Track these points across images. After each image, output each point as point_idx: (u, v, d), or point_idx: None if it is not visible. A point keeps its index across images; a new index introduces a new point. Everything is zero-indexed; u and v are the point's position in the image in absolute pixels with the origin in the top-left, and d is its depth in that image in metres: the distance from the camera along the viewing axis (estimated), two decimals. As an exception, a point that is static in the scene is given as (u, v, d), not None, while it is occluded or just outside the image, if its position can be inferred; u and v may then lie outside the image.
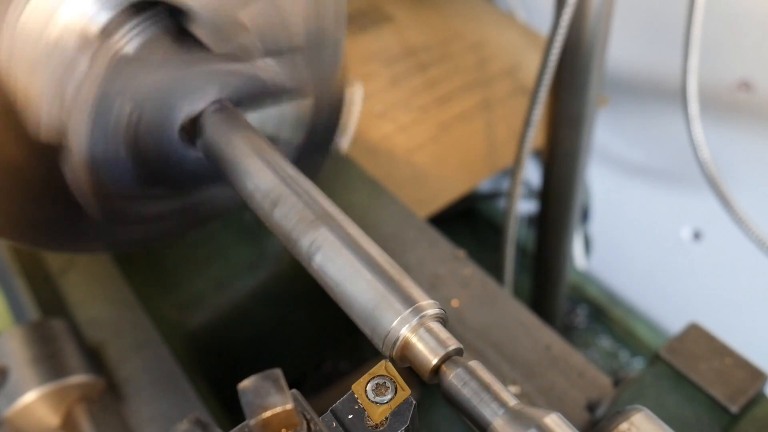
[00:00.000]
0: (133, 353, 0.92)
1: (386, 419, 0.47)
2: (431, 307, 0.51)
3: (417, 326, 0.50)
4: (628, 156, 1.80)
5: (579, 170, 1.42)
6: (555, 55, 1.14)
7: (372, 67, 1.60)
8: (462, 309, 0.96)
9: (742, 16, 1.35)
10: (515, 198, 1.31)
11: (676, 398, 0.76)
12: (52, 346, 0.84)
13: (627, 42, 1.54)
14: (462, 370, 0.48)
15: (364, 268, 0.54)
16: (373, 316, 0.52)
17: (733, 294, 1.72)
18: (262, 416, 0.42)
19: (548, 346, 0.92)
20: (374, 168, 1.26)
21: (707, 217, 1.67)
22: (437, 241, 1.06)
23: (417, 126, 1.49)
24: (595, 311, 2.07)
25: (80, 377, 0.82)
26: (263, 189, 0.63)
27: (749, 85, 1.40)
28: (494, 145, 1.48)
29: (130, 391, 0.88)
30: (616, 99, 1.69)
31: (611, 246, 2.01)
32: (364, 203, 1.13)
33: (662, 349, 0.80)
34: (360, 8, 1.76)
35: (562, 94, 1.30)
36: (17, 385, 0.79)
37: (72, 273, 1.02)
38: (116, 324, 0.95)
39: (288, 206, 0.60)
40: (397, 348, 0.50)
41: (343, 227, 0.58)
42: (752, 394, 0.75)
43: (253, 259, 1.12)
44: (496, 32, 1.73)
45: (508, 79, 1.62)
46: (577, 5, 1.10)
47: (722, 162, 1.27)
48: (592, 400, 0.83)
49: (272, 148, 0.67)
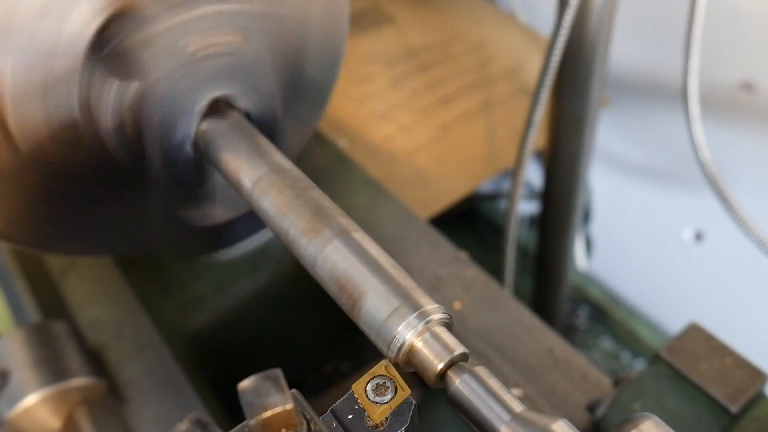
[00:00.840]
0: (134, 355, 0.92)
1: (386, 419, 0.46)
2: (436, 312, 0.51)
3: (422, 331, 0.50)
4: (630, 157, 1.80)
5: (581, 171, 1.42)
6: (557, 56, 1.14)
7: (373, 67, 1.60)
8: (464, 311, 0.96)
9: (744, 18, 1.35)
10: (516, 199, 1.31)
11: (676, 398, 0.76)
12: (53, 348, 0.84)
13: (628, 42, 1.54)
14: (468, 376, 0.48)
15: (369, 272, 0.54)
16: (377, 320, 0.52)
17: (735, 295, 1.72)
18: (262, 416, 0.42)
19: (551, 348, 0.92)
20: (375, 169, 1.26)
21: (709, 218, 1.67)
22: (439, 242, 1.06)
23: (418, 127, 1.49)
24: (596, 312, 2.06)
25: (81, 380, 0.82)
26: (268, 188, 0.63)
27: (751, 86, 1.40)
28: (495, 146, 1.48)
29: (132, 394, 0.88)
30: (618, 99, 1.69)
31: (612, 247, 2.01)
32: (366, 205, 1.13)
33: (662, 349, 0.80)
34: (361, 9, 1.76)
35: (564, 95, 1.30)
36: (18, 387, 0.78)
37: (73, 275, 1.02)
38: (117, 326, 0.95)
39: (291, 210, 0.60)
40: (403, 353, 0.50)
41: (348, 231, 0.57)
42: (752, 394, 0.75)
43: (254, 261, 1.12)
44: (498, 33, 1.73)
45: (510, 80, 1.61)
46: (579, 6, 1.10)
47: (724, 163, 1.26)
48: (593, 400, 0.83)
49: (276, 149, 0.67)
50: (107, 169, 0.73)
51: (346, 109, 1.49)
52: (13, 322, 1.04)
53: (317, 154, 1.22)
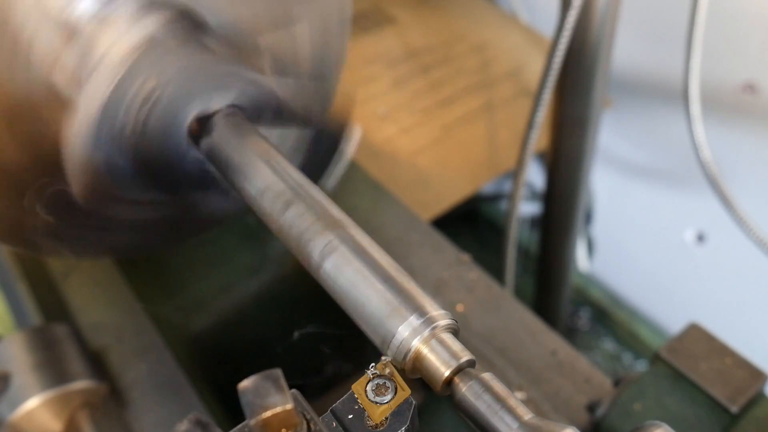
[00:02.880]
0: (136, 358, 0.92)
1: (386, 419, 0.46)
2: (443, 318, 0.50)
3: (429, 337, 0.49)
4: (632, 158, 1.80)
5: (583, 173, 1.42)
6: (559, 57, 1.14)
7: (374, 68, 1.60)
8: (467, 314, 0.96)
9: (746, 19, 1.35)
10: (517, 200, 1.31)
11: (676, 398, 0.76)
12: (55, 351, 0.84)
13: (630, 43, 1.54)
14: (475, 383, 0.48)
15: (375, 277, 0.54)
16: (383, 326, 0.51)
17: (737, 296, 1.72)
18: (262, 416, 0.42)
19: (554, 351, 0.92)
20: (377, 171, 1.26)
21: (711, 219, 1.67)
22: (442, 244, 1.05)
23: (420, 128, 1.49)
24: (598, 314, 2.06)
25: (83, 383, 0.82)
26: (274, 192, 0.63)
27: (754, 87, 1.40)
28: (497, 148, 1.48)
29: (133, 397, 0.88)
30: (620, 101, 1.69)
31: (614, 248, 2.00)
32: (368, 206, 1.12)
33: (662, 349, 0.80)
34: (363, 10, 1.76)
35: (566, 97, 1.29)
36: (19, 391, 0.78)
37: (74, 277, 1.02)
38: (119, 329, 0.95)
39: (296, 213, 0.60)
40: (409, 359, 0.50)
41: (353, 235, 0.57)
42: (752, 394, 0.75)
43: (256, 263, 1.12)
44: (499, 34, 1.73)
45: (512, 81, 1.61)
46: (582, 7, 1.10)
47: (726, 164, 1.26)
48: (592, 401, 0.83)
49: (282, 156, 0.67)
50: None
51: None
52: (14, 324, 1.04)
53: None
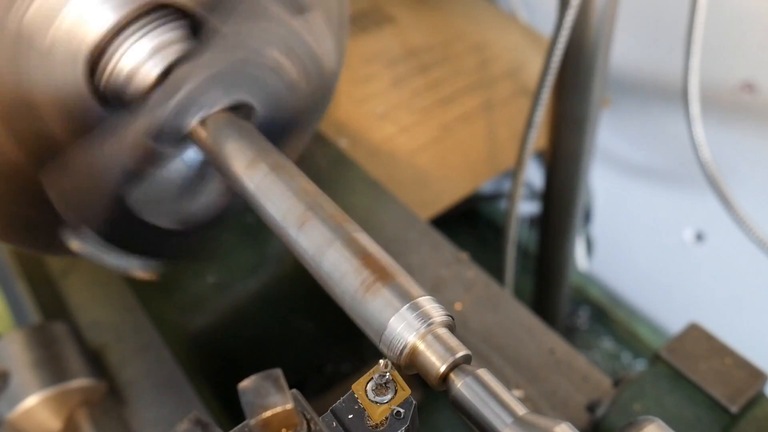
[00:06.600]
0: (134, 356, 0.92)
1: (386, 419, 0.46)
2: (439, 313, 0.51)
3: (425, 333, 0.50)
4: (631, 157, 1.80)
5: (582, 172, 1.42)
6: (558, 56, 1.14)
7: (373, 68, 1.60)
8: (465, 312, 0.96)
9: (745, 18, 1.35)
10: (516, 199, 1.31)
11: (676, 398, 0.76)
12: (54, 349, 0.84)
13: (629, 42, 1.54)
14: (471, 379, 0.48)
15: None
16: (379, 321, 0.51)
17: (736, 295, 1.72)
18: (262, 416, 0.42)
19: (552, 349, 0.92)
20: (376, 170, 1.26)
21: (710, 218, 1.67)
22: (440, 243, 1.05)
23: (419, 127, 1.49)
24: (597, 313, 2.06)
25: (82, 381, 0.82)
26: (270, 190, 0.63)
27: (753, 86, 1.40)
28: (496, 147, 1.48)
29: (132, 395, 0.88)
30: (619, 100, 1.69)
31: (613, 247, 2.00)
32: (366, 205, 1.12)
33: (662, 349, 0.80)
34: (361, 9, 1.76)
35: (564, 96, 1.29)
36: (18, 389, 0.78)
37: (73, 276, 1.02)
38: (118, 327, 0.95)
39: (294, 210, 0.60)
40: (405, 355, 0.50)
41: (349, 231, 0.57)
42: (752, 394, 0.75)
43: (254, 262, 1.12)
44: (498, 33, 1.73)
45: (510, 80, 1.61)
46: (580, 6, 1.10)
47: (724, 163, 1.26)
48: (592, 401, 0.83)
49: (285, 158, 0.67)
50: None
51: (347, 110, 1.49)
52: (13, 323, 1.04)
53: (317, 154, 1.22)
